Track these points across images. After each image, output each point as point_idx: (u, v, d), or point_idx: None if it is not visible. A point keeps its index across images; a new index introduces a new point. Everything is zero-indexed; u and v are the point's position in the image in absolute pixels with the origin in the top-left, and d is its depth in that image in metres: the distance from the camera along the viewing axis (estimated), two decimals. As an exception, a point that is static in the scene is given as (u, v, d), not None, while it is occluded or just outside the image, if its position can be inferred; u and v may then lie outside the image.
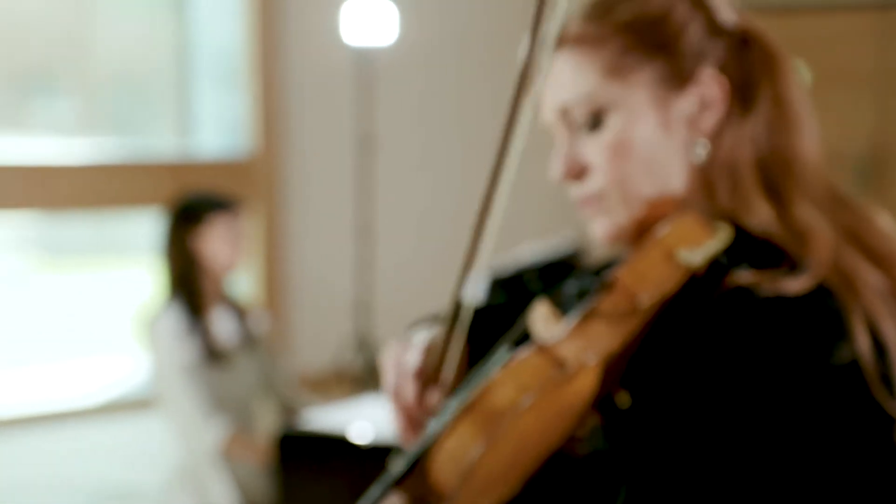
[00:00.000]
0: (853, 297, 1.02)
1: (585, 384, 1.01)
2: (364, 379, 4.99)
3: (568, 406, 1.01)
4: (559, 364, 1.00)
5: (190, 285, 3.02)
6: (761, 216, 1.08)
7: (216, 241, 3.06)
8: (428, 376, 1.16)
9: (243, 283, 5.43)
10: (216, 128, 5.54)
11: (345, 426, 2.40)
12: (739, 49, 1.13)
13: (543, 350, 1.02)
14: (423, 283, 5.55)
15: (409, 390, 1.15)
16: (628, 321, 1.03)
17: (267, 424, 3.07)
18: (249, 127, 5.32)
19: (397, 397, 1.16)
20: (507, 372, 1.01)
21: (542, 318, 1.09)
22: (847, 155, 5.66)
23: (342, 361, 5.25)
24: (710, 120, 1.11)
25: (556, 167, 1.15)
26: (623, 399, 1.07)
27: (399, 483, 1.05)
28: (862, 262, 1.06)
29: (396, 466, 1.07)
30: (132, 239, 5.87)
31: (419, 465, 1.03)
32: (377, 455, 1.02)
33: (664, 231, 1.07)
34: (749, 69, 1.13)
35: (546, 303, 1.10)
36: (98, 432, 4.83)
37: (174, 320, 2.98)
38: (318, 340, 5.34)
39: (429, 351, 1.17)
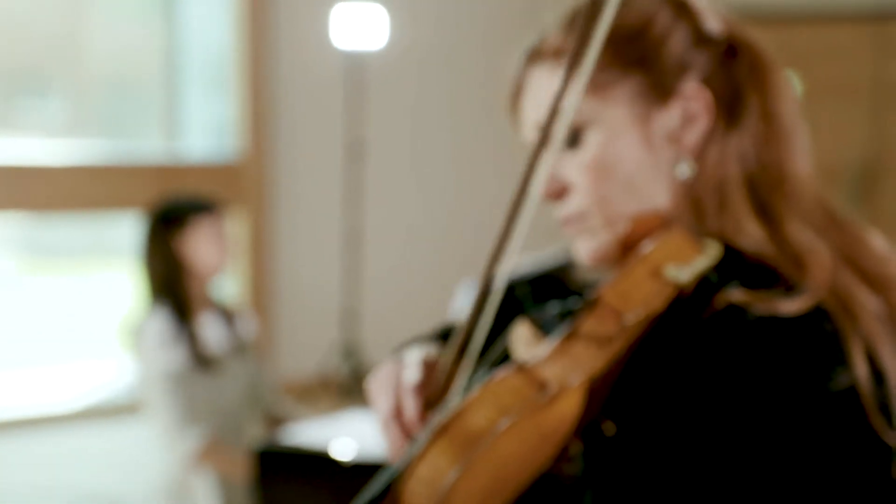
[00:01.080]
0: (851, 320, 0.98)
1: (568, 407, 0.95)
2: (350, 387, 4.96)
3: (549, 430, 0.95)
4: (540, 385, 0.95)
5: (175, 290, 2.98)
6: (752, 235, 1.03)
7: (200, 244, 3.01)
8: (429, 392, 1.10)
9: (229, 287, 5.40)
10: (205, 131, 5.53)
11: (327, 442, 2.35)
12: (727, 59, 1.08)
13: (524, 370, 0.97)
14: (410, 290, 5.52)
15: (412, 407, 1.08)
16: (613, 342, 0.98)
17: (254, 433, 3.03)
18: (238, 130, 5.31)
19: (397, 416, 1.10)
20: (485, 392, 0.95)
21: (523, 338, 1.05)
22: (841, 167, 5.66)
23: (328, 369, 5.21)
24: (694, 135, 1.06)
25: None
26: (608, 427, 1.02)
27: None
28: (858, 284, 1.01)
29: (367, 492, 1.01)
30: (119, 241, 5.83)
31: (391, 490, 0.97)
32: (359, 472, 0.97)
33: (650, 248, 1.02)
34: (736, 80, 1.08)
35: (527, 323, 1.05)
36: (82, 437, 4.81)
37: (160, 326, 2.93)
38: (305, 347, 5.31)
39: (427, 367, 1.11)
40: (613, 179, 1.06)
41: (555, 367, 0.97)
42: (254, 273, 5.34)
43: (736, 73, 1.08)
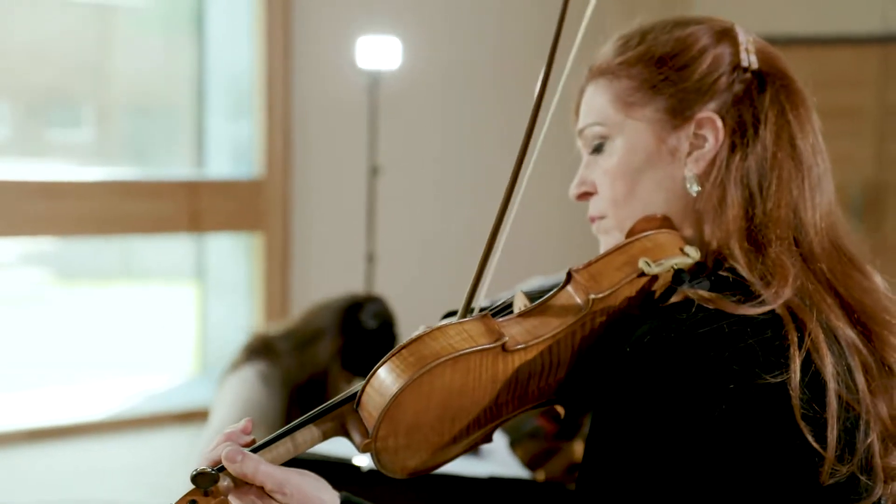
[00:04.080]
0: (800, 334, 1.04)
1: (522, 363, 1.06)
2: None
3: (499, 378, 1.05)
4: (496, 333, 1.05)
5: (310, 398, 2.98)
6: (733, 252, 1.11)
7: None
8: None
9: (249, 305, 5.51)
10: (229, 154, 5.62)
11: (348, 450, 2.41)
12: (755, 90, 1.16)
13: (486, 319, 1.07)
14: (428, 310, 5.61)
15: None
16: (574, 315, 1.07)
17: None
18: (261, 152, 5.40)
19: None
20: (446, 327, 1.05)
21: (518, 306, 1.14)
22: (845, 189, 5.73)
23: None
24: (703, 159, 1.15)
25: (572, 186, 1.23)
26: (560, 409, 1.14)
27: (331, 411, 1.08)
28: (831, 308, 1.08)
29: (336, 399, 1.11)
30: (146, 262, 5.96)
31: (355, 397, 1.07)
32: (378, 478, 1.04)
33: (634, 240, 1.12)
34: (758, 111, 1.15)
35: (522, 296, 1.15)
36: (107, 451, 4.87)
37: (256, 393, 2.94)
38: (324, 364, 5.39)
39: None
40: (626, 186, 1.17)
41: (517, 327, 1.08)
42: (275, 292, 5.44)
43: (760, 104, 1.16)
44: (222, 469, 1.06)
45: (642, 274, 1.09)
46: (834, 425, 1.03)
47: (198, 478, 1.05)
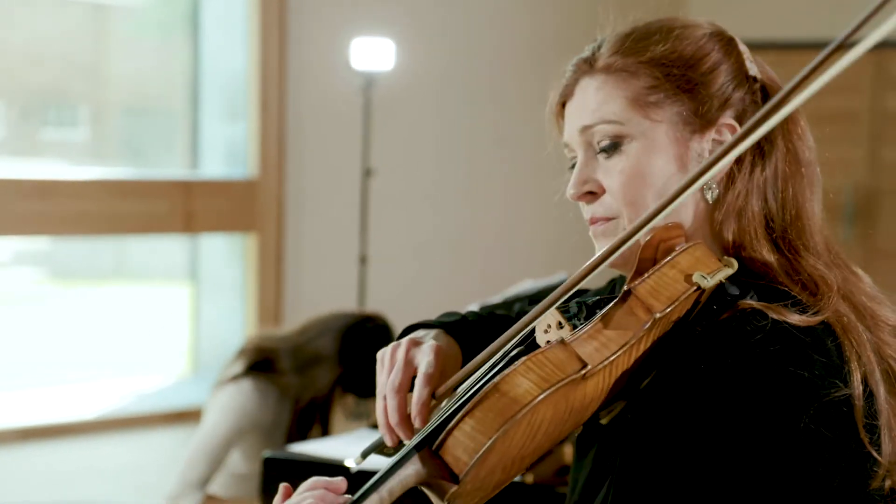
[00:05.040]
0: (851, 343, 1.07)
1: (596, 386, 1.04)
2: (358, 408, 5.04)
3: (579, 404, 1.04)
4: (579, 361, 1.03)
5: (311, 418, 3.01)
6: (766, 261, 1.12)
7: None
8: (436, 383, 1.14)
9: (242, 306, 5.51)
10: (223, 154, 5.62)
11: (334, 452, 2.39)
12: (760, 100, 1.17)
13: (566, 346, 1.04)
14: (422, 312, 5.61)
15: (423, 394, 1.12)
16: (641, 331, 1.06)
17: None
18: (255, 153, 5.40)
19: (401, 393, 1.14)
20: (530, 363, 1.02)
21: (548, 323, 1.11)
22: (838, 194, 5.74)
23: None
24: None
25: (571, 185, 1.19)
26: (603, 415, 1.11)
27: (417, 454, 1.03)
28: (853, 315, 1.10)
29: (414, 440, 1.06)
30: (140, 261, 5.96)
31: (434, 441, 1.03)
32: (367, 480, 1.03)
33: (679, 254, 1.10)
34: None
35: (555, 311, 1.11)
36: (101, 451, 4.87)
37: (252, 404, 2.95)
38: (316, 365, 5.39)
39: (439, 357, 1.16)
40: (643, 188, 1.14)
41: (588, 347, 1.05)
42: (268, 293, 5.44)
43: None
44: None
45: (698, 288, 1.08)
46: (886, 432, 1.05)
47: None
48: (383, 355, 1.19)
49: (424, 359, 1.15)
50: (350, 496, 1.03)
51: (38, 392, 5.30)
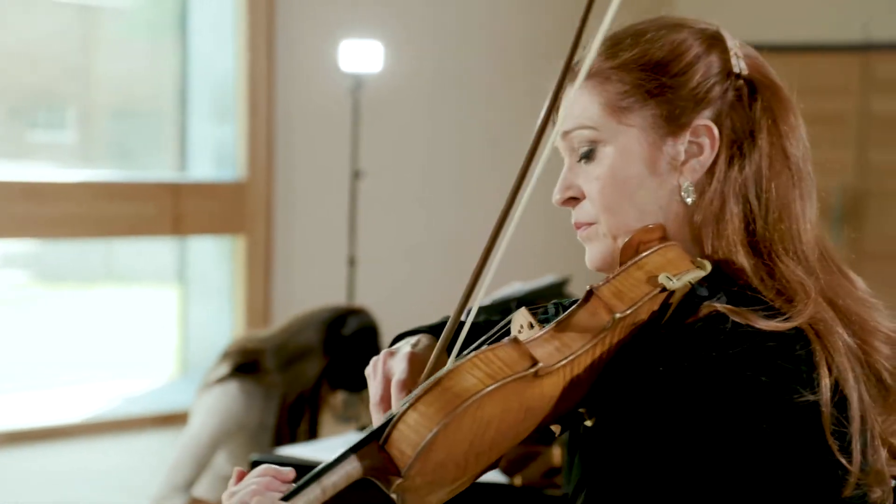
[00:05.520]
0: (825, 350, 1.04)
1: (551, 386, 1.03)
2: (347, 411, 5.04)
3: (530, 404, 1.03)
4: (530, 359, 1.02)
5: (299, 414, 3.01)
6: (741, 265, 1.09)
7: None
8: (412, 385, 1.14)
9: (231, 308, 5.51)
10: (212, 156, 5.61)
11: (322, 455, 2.38)
12: (746, 97, 1.13)
13: (517, 344, 1.04)
14: (412, 314, 5.61)
15: (397, 400, 1.14)
16: (602, 333, 1.05)
17: None
18: (244, 156, 5.40)
19: (383, 403, 1.16)
20: (478, 358, 1.02)
21: (520, 324, 1.11)
22: (827, 195, 5.76)
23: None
24: (699, 168, 1.12)
25: (556, 191, 1.18)
26: (588, 419, 1.11)
27: (358, 450, 1.03)
28: (836, 321, 1.08)
29: (362, 435, 1.07)
30: (127, 264, 5.94)
31: (381, 435, 1.03)
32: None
33: (647, 255, 1.10)
34: (752, 119, 1.13)
35: (525, 312, 1.11)
36: (89, 454, 4.86)
37: (237, 405, 2.94)
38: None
39: (413, 362, 1.17)
40: (619, 194, 1.14)
41: (546, 348, 1.04)
42: (256, 295, 5.43)
43: (753, 112, 1.12)
44: None
45: (664, 289, 1.07)
46: (857, 439, 1.03)
47: None
48: (368, 371, 1.20)
49: (398, 367, 1.16)
50: (298, 485, 1.04)
51: (25, 395, 5.29)
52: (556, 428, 1.12)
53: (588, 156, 1.16)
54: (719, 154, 1.11)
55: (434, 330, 1.26)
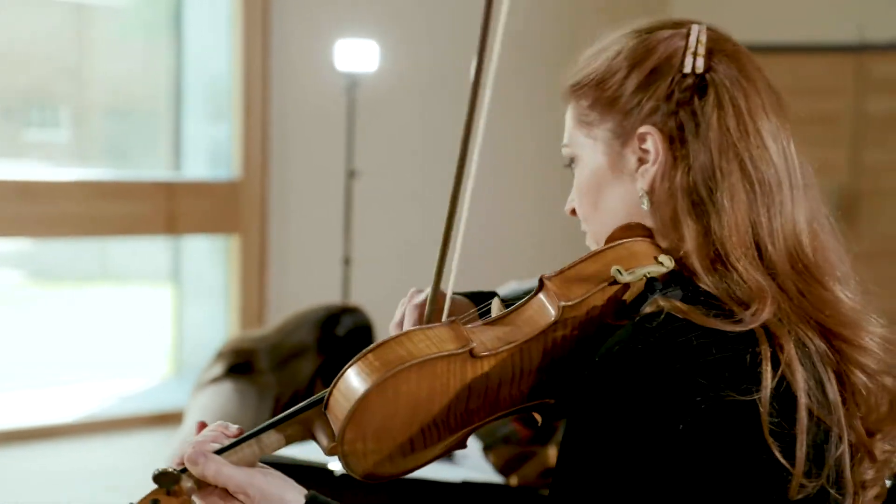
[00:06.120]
0: (776, 353, 1.04)
1: (495, 370, 1.06)
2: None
3: (473, 386, 1.06)
4: (463, 339, 1.06)
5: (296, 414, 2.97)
6: (695, 269, 1.09)
7: None
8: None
9: (225, 308, 5.50)
10: (206, 156, 5.61)
11: (317, 455, 2.39)
12: (696, 96, 1.12)
13: (454, 325, 1.08)
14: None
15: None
16: (545, 322, 1.07)
17: None
18: (238, 156, 5.39)
19: (398, 327, 1.30)
20: (414, 332, 1.07)
21: (494, 312, 1.15)
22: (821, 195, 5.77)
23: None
24: (649, 175, 1.14)
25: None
26: (537, 416, 1.14)
27: (301, 413, 1.10)
28: (802, 325, 1.07)
29: (306, 402, 1.13)
30: (122, 263, 5.94)
31: (324, 400, 1.08)
32: (351, 481, 1.04)
33: (609, 248, 1.12)
34: (698, 118, 1.12)
35: (498, 301, 1.16)
36: (84, 454, 4.86)
37: (231, 405, 2.94)
38: (300, 367, 5.39)
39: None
40: (590, 203, 1.19)
41: (490, 333, 1.08)
42: (251, 294, 5.43)
43: (700, 109, 1.12)
44: (186, 470, 1.09)
45: (614, 282, 1.09)
46: (803, 441, 1.03)
47: (159, 477, 1.08)
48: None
49: (419, 296, 1.26)
50: (236, 439, 1.11)
51: (19, 394, 5.28)
52: (537, 416, 1.14)
53: (571, 168, 1.22)
54: (666, 157, 1.13)
55: (474, 297, 1.34)
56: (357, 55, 4.93)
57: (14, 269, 5.81)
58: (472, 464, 2.36)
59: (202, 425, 1.17)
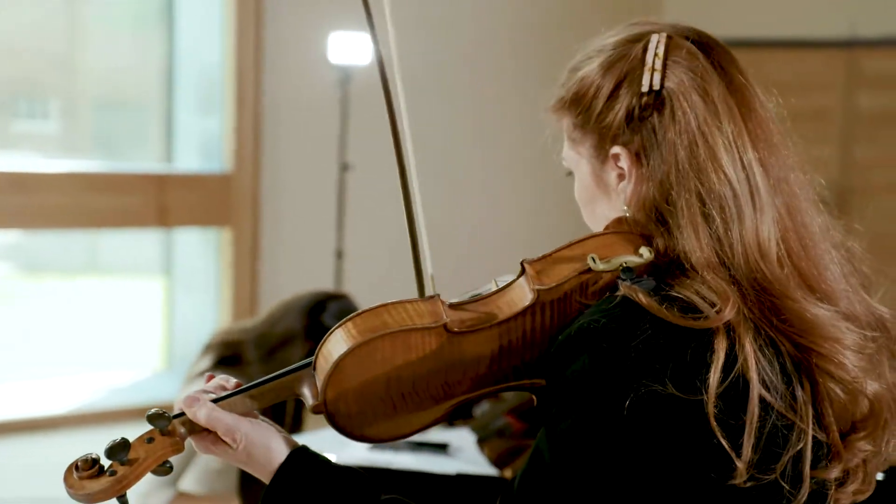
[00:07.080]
0: (729, 342, 1.07)
1: (472, 347, 1.12)
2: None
3: (450, 359, 1.12)
4: (438, 315, 1.12)
5: (283, 406, 3.00)
6: (668, 275, 1.13)
7: None
8: None
9: (217, 301, 5.50)
10: (198, 148, 5.60)
11: (313, 447, 2.40)
12: (655, 112, 1.14)
13: (433, 301, 1.14)
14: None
15: None
16: (522, 305, 1.12)
17: None
18: (230, 148, 5.39)
19: None
20: (399, 304, 1.14)
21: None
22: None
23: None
24: (627, 192, 1.17)
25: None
26: (533, 397, 1.19)
27: (292, 373, 1.18)
28: (770, 329, 1.10)
29: (297, 364, 1.20)
30: (112, 255, 5.92)
31: (313, 361, 1.16)
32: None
33: (591, 237, 1.17)
34: (656, 135, 1.14)
35: (495, 285, 1.19)
36: (64, 446, 4.85)
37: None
38: (291, 360, 5.39)
39: None
40: (590, 212, 1.24)
41: (471, 311, 1.14)
42: (242, 287, 5.42)
43: (657, 125, 1.14)
44: (182, 413, 1.17)
45: (589, 270, 1.12)
46: (752, 432, 1.05)
47: (152, 418, 1.19)
48: None
49: None
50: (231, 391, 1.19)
51: (10, 387, 5.27)
52: (533, 397, 1.19)
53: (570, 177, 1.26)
54: (637, 174, 1.16)
55: None
56: (350, 48, 4.93)
57: (3, 262, 5.79)
58: (466, 457, 2.37)
59: (211, 377, 1.23)
